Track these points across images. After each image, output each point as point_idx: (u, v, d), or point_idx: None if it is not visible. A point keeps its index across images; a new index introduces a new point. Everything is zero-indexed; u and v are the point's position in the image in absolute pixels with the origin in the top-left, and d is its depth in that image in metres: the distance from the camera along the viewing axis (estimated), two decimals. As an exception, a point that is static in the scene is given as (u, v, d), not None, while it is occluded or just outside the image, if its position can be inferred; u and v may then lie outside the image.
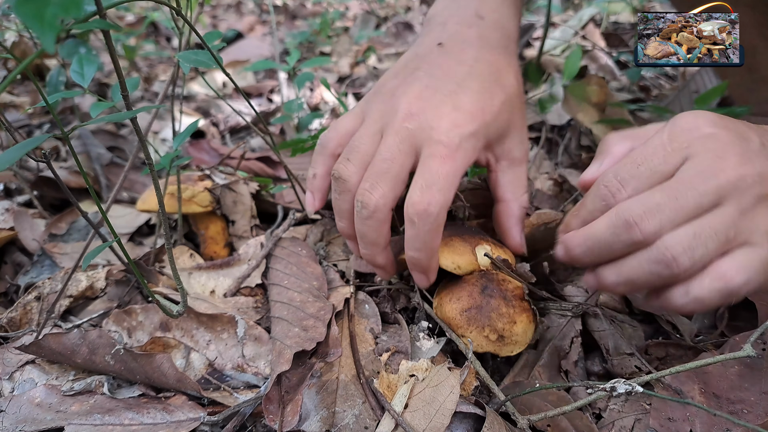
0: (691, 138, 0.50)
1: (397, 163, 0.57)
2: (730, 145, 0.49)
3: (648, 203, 0.48)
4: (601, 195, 0.52)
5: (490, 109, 0.59)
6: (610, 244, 0.50)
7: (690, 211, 0.47)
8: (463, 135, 0.56)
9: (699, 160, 0.49)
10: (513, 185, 0.63)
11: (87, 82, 0.51)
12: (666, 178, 0.50)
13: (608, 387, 0.46)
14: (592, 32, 1.71)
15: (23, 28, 1.13)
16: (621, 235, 0.49)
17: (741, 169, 0.48)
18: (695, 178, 0.48)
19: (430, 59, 0.63)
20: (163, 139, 1.32)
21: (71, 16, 0.24)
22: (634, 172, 0.51)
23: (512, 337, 0.58)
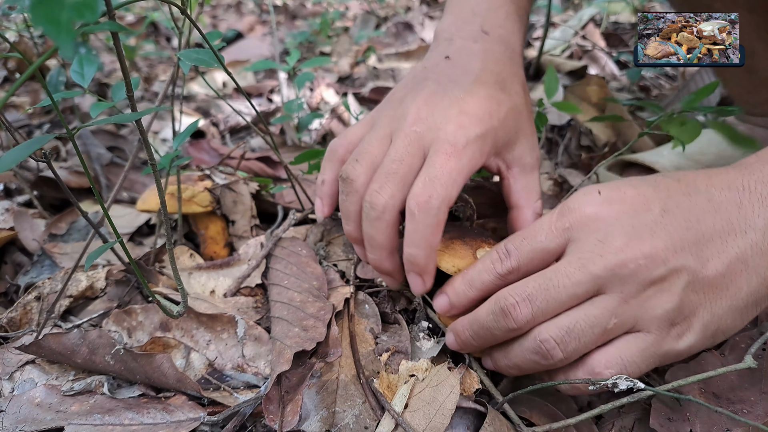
0: (574, 219, 0.49)
1: (405, 164, 0.57)
2: (615, 224, 0.47)
3: (522, 293, 0.48)
4: (491, 258, 0.53)
5: (497, 114, 0.59)
6: (492, 329, 0.50)
7: (563, 301, 0.47)
8: (469, 136, 0.56)
9: (578, 245, 0.48)
10: (526, 192, 0.63)
11: (87, 82, 0.51)
12: (550, 255, 0.50)
13: (610, 383, 0.46)
14: (592, 32, 1.71)
15: (23, 28, 1.13)
16: (499, 322, 0.49)
17: (623, 253, 0.45)
18: (570, 266, 0.47)
19: (437, 70, 0.64)
20: (163, 139, 1.32)
21: (86, 19, 0.24)
22: (518, 245, 0.51)
23: None
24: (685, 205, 0.47)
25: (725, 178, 0.48)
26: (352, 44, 2.07)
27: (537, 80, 1.48)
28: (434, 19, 2.37)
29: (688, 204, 0.47)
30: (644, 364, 0.47)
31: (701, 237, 0.46)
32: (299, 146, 1.14)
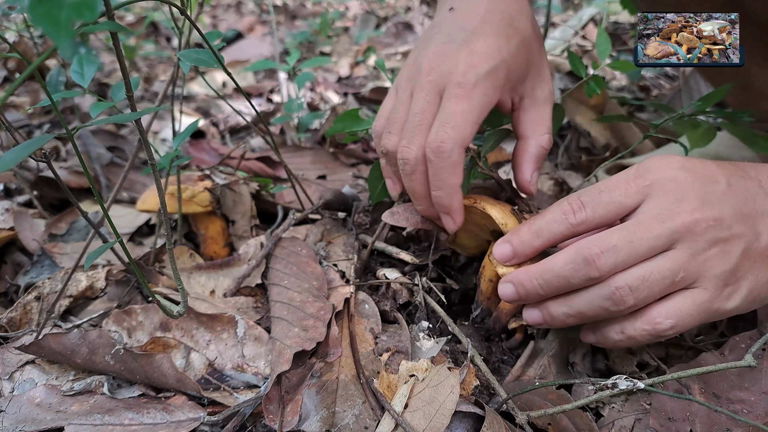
0: (654, 178, 0.52)
1: (428, 113, 0.58)
2: (691, 188, 0.51)
3: (606, 243, 0.50)
4: (562, 209, 0.54)
5: (507, 49, 0.59)
6: (569, 278, 0.52)
7: (643, 253, 0.50)
8: (479, 74, 0.57)
9: (657, 202, 0.51)
10: (534, 123, 0.64)
11: (87, 82, 0.51)
12: (624, 209, 0.53)
13: (610, 383, 0.46)
14: (592, 32, 1.71)
15: (23, 28, 1.13)
16: (580, 271, 0.51)
17: (697, 213, 0.50)
18: (651, 221, 0.50)
19: (444, 23, 0.64)
20: (163, 139, 1.32)
21: (85, 19, 0.24)
22: (595, 198, 0.53)
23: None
24: (742, 184, 0.52)
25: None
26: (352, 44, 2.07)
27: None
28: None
29: (744, 184, 0.53)
30: (699, 318, 0.50)
31: (757, 212, 0.52)
32: (299, 146, 1.14)
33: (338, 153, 1.12)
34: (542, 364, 0.61)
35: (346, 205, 0.86)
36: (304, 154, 1.10)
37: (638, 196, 0.52)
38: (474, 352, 0.59)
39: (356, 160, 1.12)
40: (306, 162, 1.08)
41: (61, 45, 0.23)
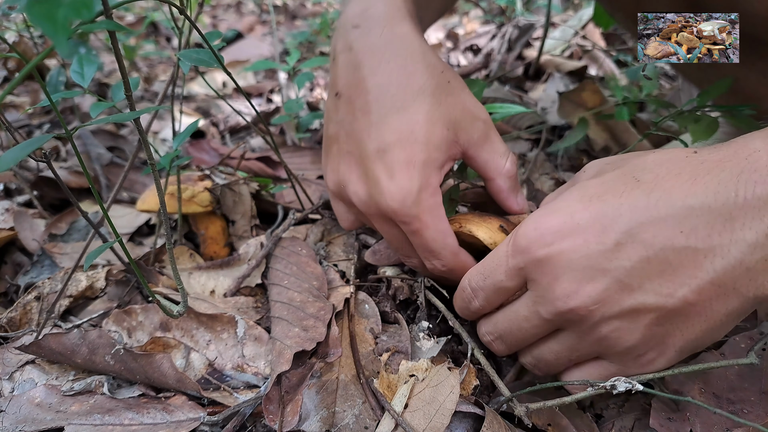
0: (525, 260, 0.46)
1: (398, 239, 0.60)
2: (566, 268, 0.43)
3: (494, 331, 0.54)
4: (462, 297, 0.56)
5: (419, 146, 0.54)
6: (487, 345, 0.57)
7: (530, 338, 0.51)
8: (411, 203, 0.53)
9: (534, 286, 0.47)
10: (490, 163, 0.60)
11: (87, 82, 0.51)
12: (511, 292, 0.50)
13: (608, 385, 0.46)
14: (592, 32, 1.71)
15: (23, 28, 1.13)
16: (491, 347, 0.56)
17: (571, 300, 0.43)
18: (527, 309, 0.49)
19: (338, 119, 0.60)
20: (163, 139, 1.32)
21: (83, 17, 0.24)
22: (481, 285, 0.52)
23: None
24: (649, 226, 0.41)
25: (716, 179, 0.40)
26: (352, 44, 2.06)
27: (537, 80, 1.48)
28: (434, 19, 2.36)
29: (654, 223, 0.41)
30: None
31: (667, 266, 0.40)
32: (299, 146, 1.14)
33: (338, 153, 1.12)
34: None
35: (346, 205, 0.86)
36: (304, 154, 1.10)
37: (518, 279, 0.48)
38: (474, 345, 0.59)
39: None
40: (306, 162, 1.08)
41: (58, 44, 0.23)
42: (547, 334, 0.50)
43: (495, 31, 1.74)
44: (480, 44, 1.77)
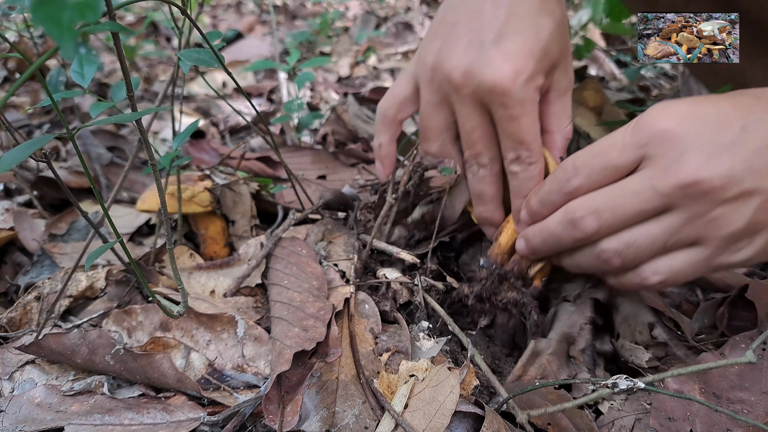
0: (650, 135, 0.48)
1: (485, 128, 0.59)
2: (694, 144, 0.45)
3: (590, 207, 0.50)
4: (557, 178, 0.54)
5: (539, 47, 0.56)
6: (560, 238, 0.53)
7: (630, 217, 0.49)
8: (520, 85, 0.54)
9: (654, 163, 0.47)
10: (557, 116, 0.62)
11: (87, 83, 0.51)
12: (619, 172, 0.50)
13: (610, 383, 0.46)
14: (592, 32, 1.71)
15: (23, 28, 1.13)
16: (567, 232, 0.52)
17: (700, 172, 0.45)
18: (641, 184, 0.48)
19: (465, 8, 0.60)
20: (163, 139, 1.32)
21: (88, 19, 0.24)
22: (588, 162, 0.51)
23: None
24: (765, 123, 0.45)
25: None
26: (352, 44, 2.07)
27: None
28: (434, 19, 2.37)
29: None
30: (694, 274, 0.49)
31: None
32: (299, 146, 1.14)
33: (338, 153, 1.12)
34: (542, 364, 0.61)
35: (346, 204, 0.86)
36: (304, 154, 1.10)
37: (634, 156, 0.48)
38: (474, 351, 0.59)
39: (356, 160, 1.12)
40: (306, 162, 1.08)
41: (63, 45, 0.23)
42: (648, 217, 0.48)
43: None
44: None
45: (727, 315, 0.66)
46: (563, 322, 0.65)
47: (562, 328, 0.64)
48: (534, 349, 0.63)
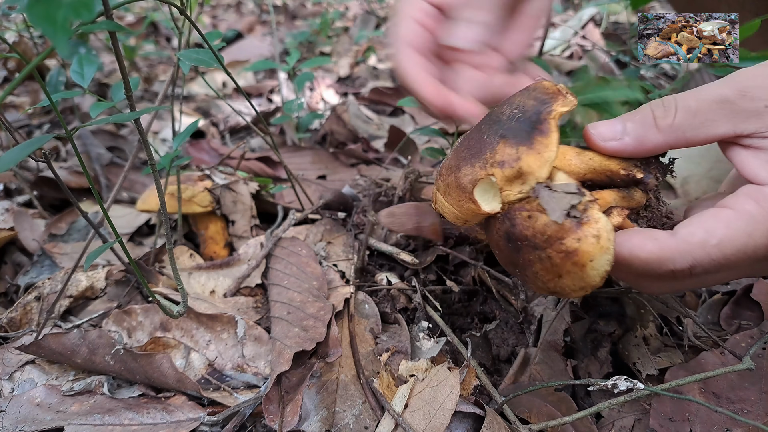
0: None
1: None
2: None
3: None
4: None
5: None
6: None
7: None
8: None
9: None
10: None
11: (87, 83, 0.51)
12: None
13: (609, 384, 0.46)
14: (592, 32, 1.71)
15: (23, 28, 1.13)
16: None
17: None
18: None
19: None
20: (163, 139, 1.32)
21: (83, 18, 0.24)
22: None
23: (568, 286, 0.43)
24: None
25: None
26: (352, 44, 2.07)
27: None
28: (434, 19, 2.36)
29: None
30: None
31: None
32: (299, 146, 1.14)
33: (338, 153, 1.12)
34: (532, 375, 0.61)
35: (346, 205, 0.86)
36: (304, 154, 1.10)
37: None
38: (473, 361, 0.59)
39: (356, 160, 1.12)
40: (306, 162, 1.08)
41: (58, 45, 0.23)
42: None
43: (495, 31, 1.74)
44: (480, 44, 1.77)
45: (730, 313, 0.66)
46: (547, 330, 0.64)
47: (547, 336, 0.64)
48: (524, 357, 0.63)
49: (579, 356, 0.63)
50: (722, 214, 0.41)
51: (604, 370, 0.62)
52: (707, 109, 0.43)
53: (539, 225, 0.41)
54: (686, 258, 0.40)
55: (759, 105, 0.42)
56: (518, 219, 0.42)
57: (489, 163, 0.42)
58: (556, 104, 0.44)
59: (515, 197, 0.42)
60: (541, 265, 0.42)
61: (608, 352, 0.64)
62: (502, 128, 0.43)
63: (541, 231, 0.41)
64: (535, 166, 0.41)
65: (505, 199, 0.42)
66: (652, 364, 0.61)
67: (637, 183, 0.46)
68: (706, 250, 0.40)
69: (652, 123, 0.44)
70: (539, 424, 0.53)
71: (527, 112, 0.43)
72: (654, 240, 0.41)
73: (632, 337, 0.64)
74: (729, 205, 0.41)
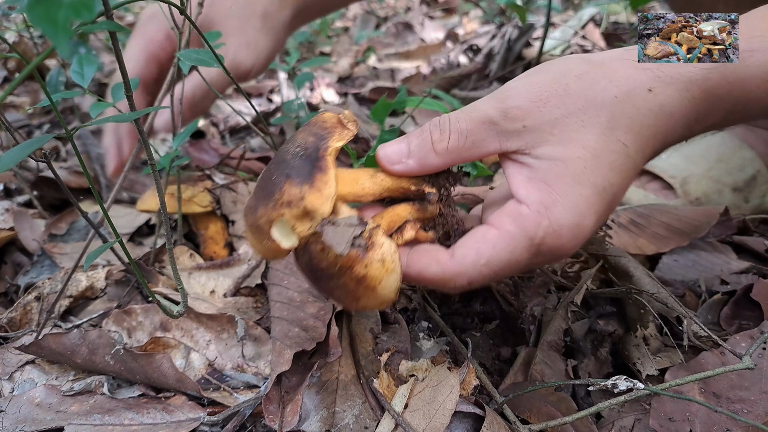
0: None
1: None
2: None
3: None
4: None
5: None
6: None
7: None
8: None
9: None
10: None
11: (87, 83, 0.51)
12: None
13: (609, 384, 0.46)
14: (592, 32, 1.71)
15: (23, 28, 1.13)
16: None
17: None
18: None
19: None
20: (162, 139, 1.32)
21: (83, 18, 0.24)
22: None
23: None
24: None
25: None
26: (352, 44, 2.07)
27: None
28: (434, 19, 2.37)
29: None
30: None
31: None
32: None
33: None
34: (532, 375, 0.61)
35: (346, 205, 0.86)
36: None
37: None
38: (473, 361, 0.59)
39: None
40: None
41: (59, 45, 0.23)
42: None
43: (495, 31, 1.74)
44: (480, 44, 1.77)
45: (731, 314, 0.66)
46: (547, 330, 0.64)
47: (547, 336, 0.64)
48: (524, 357, 0.63)
49: (579, 356, 0.63)
50: (489, 235, 0.45)
51: (604, 370, 0.63)
52: (476, 130, 0.47)
53: (331, 257, 0.44)
54: (463, 277, 0.45)
55: (518, 125, 0.46)
56: (313, 252, 0.45)
57: (279, 203, 0.44)
58: (332, 140, 0.47)
59: (308, 233, 0.45)
60: (340, 291, 0.45)
61: (608, 352, 0.64)
62: (288, 168, 0.45)
63: (333, 263, 0.44)
64: (318, 203, 0.44)
65: (299, 235, 0.45)
66: (652, 364, 0.61)
67: (425, 198, 0.50)
68: (478, 269, 0.45)
69: (430, 147, 0.48)
70: (539, 424, 0.53)
71: (308, 149, 0.46)
72: (437, 263, 0.46)
73: (632, 337, 0.64)
74: (495, 224, 0.46)
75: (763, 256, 0.79)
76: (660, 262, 0.77)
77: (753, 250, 0.79)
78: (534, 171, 0.45)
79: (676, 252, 0.78)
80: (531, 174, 0.45)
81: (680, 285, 0.74)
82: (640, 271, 0.68)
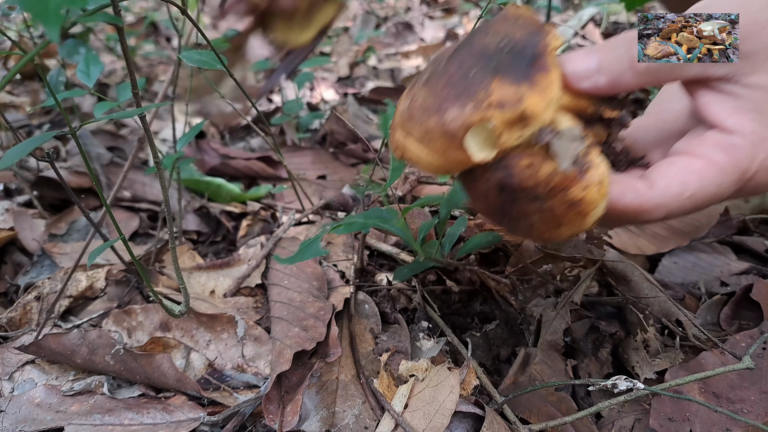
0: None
1: None
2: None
3: None
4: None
5: None
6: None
7: None
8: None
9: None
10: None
11: (93, 82, 0.51)
12: None
13: (609, 384, 0.46)
14: (592, 32, 1.71)
15: (23, 28, 1.13)
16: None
17: None
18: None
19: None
20: (163, 139, 1.32)
21: (75, 5, 0.24)
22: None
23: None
24: None
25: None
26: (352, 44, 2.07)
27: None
28: (434, 19, 2.36)
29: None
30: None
31: None
32: (299, 146, 1.14)
33: (338, 153, 1.12)
34: (532, 375, 0.61)
35: (345, 205, 0.86)
36: (304, 154, 1.11)
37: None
38: (473, 361, 0.59)
39: (356, 160, 1.12)
40: (306, 162, 1.08)
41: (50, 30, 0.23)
42: None
43: (495, 32, 1.74)
44: (480, 44, 1.77)
45: (730, 314, 0.66)
46: (547, 330, 0.65)
47: (547, 336, 0.64)
48: (524, 357, 0.63)
49: (579, 356, 0.63)
50: (694, 165, 0.41)
51: (605, 371, 0.63)
52: None
53: (542, 174, 0.36)
54: (662, 210, 0.41)
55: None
56: (516, 168, 0.37)
57: (485, 104, 0.35)
58: (549, 37, 0.39)
59: (513, 143, 0.36)
60: (540, 216, 0.38)
61: (609, 353, 0.64)
62: (494, 62, 0.37)
63: (544, 181, 0.36)
64: (539, 108, 0.36)
65: (501, 146, 0.36)
66: (650, 368, 0.61)
67: (603, 120, 0.43)
68: (681, 201, 0.41)
69: (627, 64, 0.44)
70: (539, 424, 0.53)
71: (518, 45, 0.38)
72: (634, 192, 0.41)
73: (632, 340, 0.64)
74: (699, 154, 0.41)
75: (763, 256, 0.79)
76: (659, 265, 0.77)
77: (753, 251, 0.79)
78: (742, 101, 0.42)
79: (676, 254, 0.78)
80: (738, 104, 0.42)
81: (680, 288, 0.74)
82: (638, 275, 0.68)
